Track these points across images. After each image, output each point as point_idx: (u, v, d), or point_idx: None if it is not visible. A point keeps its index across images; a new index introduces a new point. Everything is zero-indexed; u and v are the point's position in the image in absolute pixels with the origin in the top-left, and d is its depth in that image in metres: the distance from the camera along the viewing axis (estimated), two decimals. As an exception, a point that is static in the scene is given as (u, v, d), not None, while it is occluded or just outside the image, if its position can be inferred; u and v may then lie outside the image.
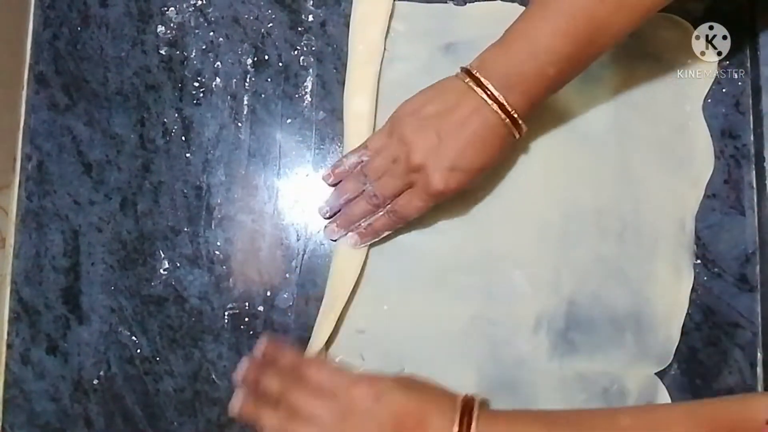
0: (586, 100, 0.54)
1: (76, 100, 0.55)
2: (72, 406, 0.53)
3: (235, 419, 0.52)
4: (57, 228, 0.54)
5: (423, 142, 0.47)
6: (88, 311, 0.54)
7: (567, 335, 0.52)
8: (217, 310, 0.53)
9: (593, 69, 0.54)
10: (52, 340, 0.54)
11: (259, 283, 0.53)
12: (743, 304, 0.53)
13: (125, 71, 0.56)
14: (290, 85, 0.55)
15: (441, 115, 0.47)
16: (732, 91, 0.55)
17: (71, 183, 0.55)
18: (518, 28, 0.47)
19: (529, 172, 0.54)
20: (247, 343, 0.53)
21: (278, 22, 0.56)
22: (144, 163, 0.55)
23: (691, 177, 0.54)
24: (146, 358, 0.53)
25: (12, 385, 0.53)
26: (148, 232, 0.54)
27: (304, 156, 0.55)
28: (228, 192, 0.54)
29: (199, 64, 0.55)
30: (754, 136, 0.54)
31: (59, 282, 0.54)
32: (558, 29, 0.45)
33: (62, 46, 0.56)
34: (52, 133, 0.55)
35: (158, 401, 0.53)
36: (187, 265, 0.54)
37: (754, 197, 0.54)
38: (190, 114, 0.55)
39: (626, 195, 0.53)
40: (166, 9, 0.56)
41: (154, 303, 0.53)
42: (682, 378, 0.52)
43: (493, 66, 0.47)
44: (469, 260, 0.53)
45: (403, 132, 0.48)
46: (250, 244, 0.54)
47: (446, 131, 0.47)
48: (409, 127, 0.48)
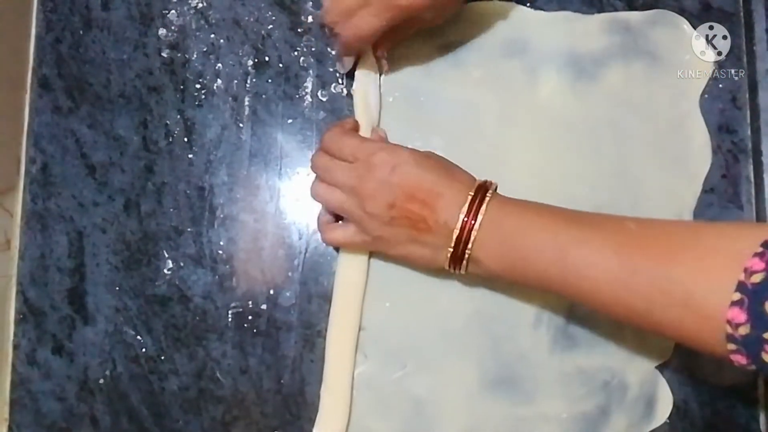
0: (584, 97, 0.55)
1: (79, 103, 0.56)
2: (78, 406, 0.54)
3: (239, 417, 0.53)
4: (61, 229, 0.55)
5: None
6: (93, 311, 0.54)
7: (567, 330, 0.53)
8: (221, 309, 0.54)
9: (590, 67, 0.55)
10: (57, 340, 0.54)
11: (262, 281, 0.54)
12: (742, 298, 0.53)
13: (127, 74, 0.56)
14: (291, 85, 0.56)
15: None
16: (729, 86, 0.55)
17: (75, 185, 0.55)
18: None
19: (526, 170, 0.54)
20: (251, 342, 0.53)
21: (278, 23, 0.56)
22: (147, 165, 0.55)
23: (688, 172, 0.54)
24: (151, 357, 0.54)
25: (18, 385, 0.54)
26: (151, 232, 0.55)
27: (305, 156, 0.55)
28: (230, 192, 0.55)
29: (201, 66, 0.56)
30: (751, 131, 0.55)
31: (64, 283, 0.54)
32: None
33: (65, 49, 0.57)
34: (56, 135, 0.56)
35: (163, 400, 0.53)
36: (191, 265, 0.54)
37: (752, 192, 0.54)
38: (192, 115, 0.56)
39: (624, 191, 0.54)
40: (167, 12, 0.57)
41: (158, 303, 0.54)
42: (682, 371, 0.53)
43: None
44: (470, 257, 0.53)
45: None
46: (252, 243, 0.54)
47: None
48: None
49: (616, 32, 0.55)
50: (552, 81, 0.55)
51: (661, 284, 0.39)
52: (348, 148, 0.49)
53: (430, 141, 0.54)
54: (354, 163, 0.48)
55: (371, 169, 0.47)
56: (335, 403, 0.52)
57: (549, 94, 0.55)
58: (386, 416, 0.52)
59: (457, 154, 0.53)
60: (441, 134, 0.55)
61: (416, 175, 0.46)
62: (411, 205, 0.46)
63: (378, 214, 0.47)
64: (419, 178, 0.46)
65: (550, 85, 0.55)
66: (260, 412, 0.53)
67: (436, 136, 0.55)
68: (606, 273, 0.41)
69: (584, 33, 0.55)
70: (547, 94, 0.55)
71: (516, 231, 0.44)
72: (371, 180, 0.47)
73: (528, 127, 0.55)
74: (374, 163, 0.47)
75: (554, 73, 0.55)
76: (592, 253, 0.42)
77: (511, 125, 0.55)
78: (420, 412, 0.52)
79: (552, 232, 0.43)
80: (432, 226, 0.46)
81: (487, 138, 0.54)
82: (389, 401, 0.52)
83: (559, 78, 0.55)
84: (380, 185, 0.46)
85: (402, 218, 0.46)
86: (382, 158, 0.47)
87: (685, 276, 0.38)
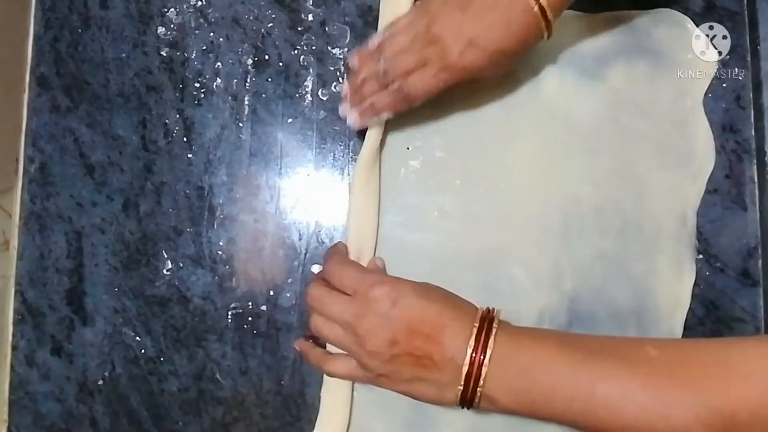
0: (586, 96, 0.54)
1: (78, 102, 0.56)
2: (77, 407, 0.53)
3: (239, 418, 0.52)
4: (60, 230, 0.55)
5: (446, 15, 0.46)
6: (92, 312, 0.54)
7: (569, 331, 0.52)
8: (221, 309, 0.53)
9: (593, 66, 0.54)
10: (56, 341, 0.54)
11: (262, 282, 0.54)
12: (746, 299, 0.53)
13: (126, 73, 0.56)
14: (291, 84, 0.55)
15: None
16: (732, 85, 0.55)
17: (74, 185, 0.55)
18: None
19: (529, 169, 0.54)
20: (251, 342, 0.53)
21: (278, 21, 0.56)
22: (146, 164, 0.55)
23: (692, 172, 0.54)
24: (150, 358, 0.53)
25: (18, 386, 0.54)
26: (150, 232, 0.54)
27: (306, 155, 0.55)
28: (230, 192, 0.55)
29: (200, 64, 0.56)
30: (755, 131, 0.54)
31: (63, 283, 0.54)
32: None
33: (63, 48, 0.56)
34: (54, 135, 0.55)
35: (163, 401, 0.53)
36: (190, 266, 0.54)
37: (756, 192, 0.54)
38: (191, 115, 0.55)
39: (627, 191, 0.53)
40: (166, 10, 0.56)
41: (157, 303, 0.54)
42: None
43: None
44: (471, 257, 0.53)
45: (428, 8, 0.47)
46: (252, 243, 0.54)
47: (473, 8, 0.45)
48: (436, 4, 0.47)
49: (619, 31, 0.55)
50: (554, 79, 0.54)
51: (699, 413, 0.38)
52: (348, 279, 0.46)
53: (431, 140, 0.54)
54: (353, 297, 0.45)
55: (371, 303, 0.44)
56: (335, 404, 0.51)
57: (551, 93, 0.54)
58: (386, 416, 0.52)
59: (458, 153, 0.53)
60: (442, 134, 0.54)
61: (419, 306, 0.44)
62: (415, 341, 0.43)
63: (379, 351, 0.43)
64: (422, 310, 0.43)
65: (552, 84, 0.54)
66: (260, 414, 0.53)
67: (436, 135, 0.54)
68: (640, 408, 0.39)
69: (588, 31, 0.55)
70: (549, 92, 0.54)
71: (532, 365, 0.41)
72: (371, 314, 0.44)
73: (530, 125, 0.54)
74: (374, 296, 0.44)
75: (557, 71, 0.54)
76: (621, 387, 0.40)
77: (513, 124, 0.54)
78: (420, 412, 0.52)
79: (570, 365, 0.41)
80: (438, 362, 0.42)
81: (489, 137, 0.54)
82: (389, 401, 0.52)
83: (562, 76, 0.54)
84: (381, 320, 0.43)
85: (405, 355, 0.43)
86: (383, 291, 0.44)
87: (724, 406, 0.38)
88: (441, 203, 0.53)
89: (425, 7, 0.48)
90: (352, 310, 0.45)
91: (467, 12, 0.45)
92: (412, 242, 0.53)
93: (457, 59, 0.45)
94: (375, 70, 0.49)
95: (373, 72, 0.49)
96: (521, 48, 0.46)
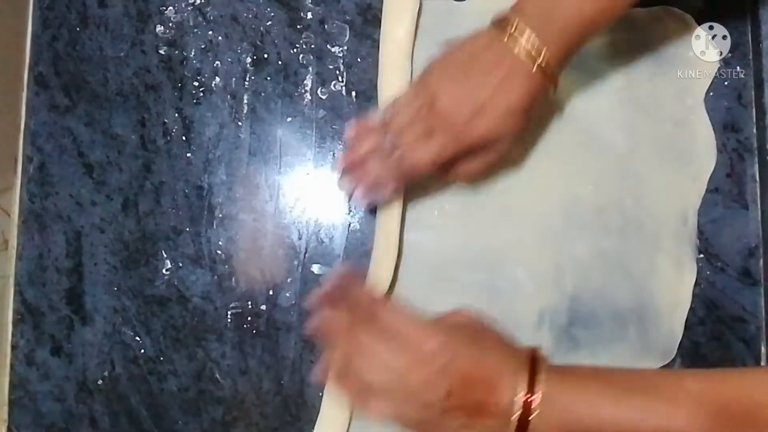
0: (587, 95, 0.54)
1: (77, 101, 0.55)
2: (77, 407, 0.53)
3: (239, 418, 0.52)
4: (59, 229, 0.54)
5: (447, 86, 0.46)
6: (91, 312, 0.54)
7: (570, 331, 0.52)
8: (220, 309, 0.53)
9: (594, 64, 0.54)
10: (56, 341, 0.54)
11: (262, 281, 0.54)
12: (747, 298, 0.53)
13: (125, 71, 0.55)
14: (290, 83, 0.55)
15: (469, 62, 0.46)
16: (734, 84, 0.54)
17: (73, 184, 0.55)
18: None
19: (530, 168, 0.54)
20: (250, 342, 0.53)
21: (277, 20, 0.56)
22: (145, 164, 0.55)
23: (693, 171, 0.54)
24: (150, 358, 0.53)
25: (17, 386, 0.54)
26: (150, 232, 0.54)
27: (305, 154, 0.55)
28: (229, 191, 0.54)
29: (199, 63, 0.55)
30: (756, 129, 0.54)
31: (62, 283, 0.54)
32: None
33: (61, 47, 0.56)
34: (53, 134, 0.55)
35: (162, 401, 0.53)
36: (190, 265, 0.54)
37: (757, 191, 0.54)
38: (190, 114, 0.55)
39: (628, 190, 0.53)
40: (164, 9, 0.56)
41: (157, 303, 0.54)
42: (685, 372, 0.52)
43: (528, 7, 0.45)
44: (471, 257, 0.53)
45: (428, 80, 0.47)
46: (252, 243, 0.54)
47: (473, 75, 0.45)
48: (436, 76, 0.47)
49: (621, 28, 0.54)
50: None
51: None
52: (397, 324, 0.43)
53: (431, 139, 0.54)
54: (399, 345, 0.42)
55: (426, 356, 0.41)
56: (335, 404, 0.51)
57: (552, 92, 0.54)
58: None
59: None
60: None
61: (475, 358, 0.42)
62: (470, 394, 0.41)
63: (432, 404, 0.41)
64: (478, 362, 0.41)
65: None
66: (260, 414, 0.53)
67: (437, 134, 0.54)
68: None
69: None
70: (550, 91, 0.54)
71: (578, 404, 0.41)
72: (426, 367, 0.41)
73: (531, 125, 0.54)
74: (430, 350, 0.41)
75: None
76: (669, 424, 0.39)
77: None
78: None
79: (612, 399, 0.40)
80: (493, 411, 0.41)
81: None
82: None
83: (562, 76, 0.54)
84: (437, 375, 0.41)
85: (458, 408, 0.41)
86: (438, 344, 0.42)
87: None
88: (441, 203, 0.53)
89: (425, 81, 0.48)
90: (404, 361, 0.42)
91: (469, 80, 0.45)
92: (413, 242, 0.53)
93: (466, 129, 0.45)
94: (379, 145, 0.48)
95: (377, 147, 0.48)
96: (528, 106, 0.46)
